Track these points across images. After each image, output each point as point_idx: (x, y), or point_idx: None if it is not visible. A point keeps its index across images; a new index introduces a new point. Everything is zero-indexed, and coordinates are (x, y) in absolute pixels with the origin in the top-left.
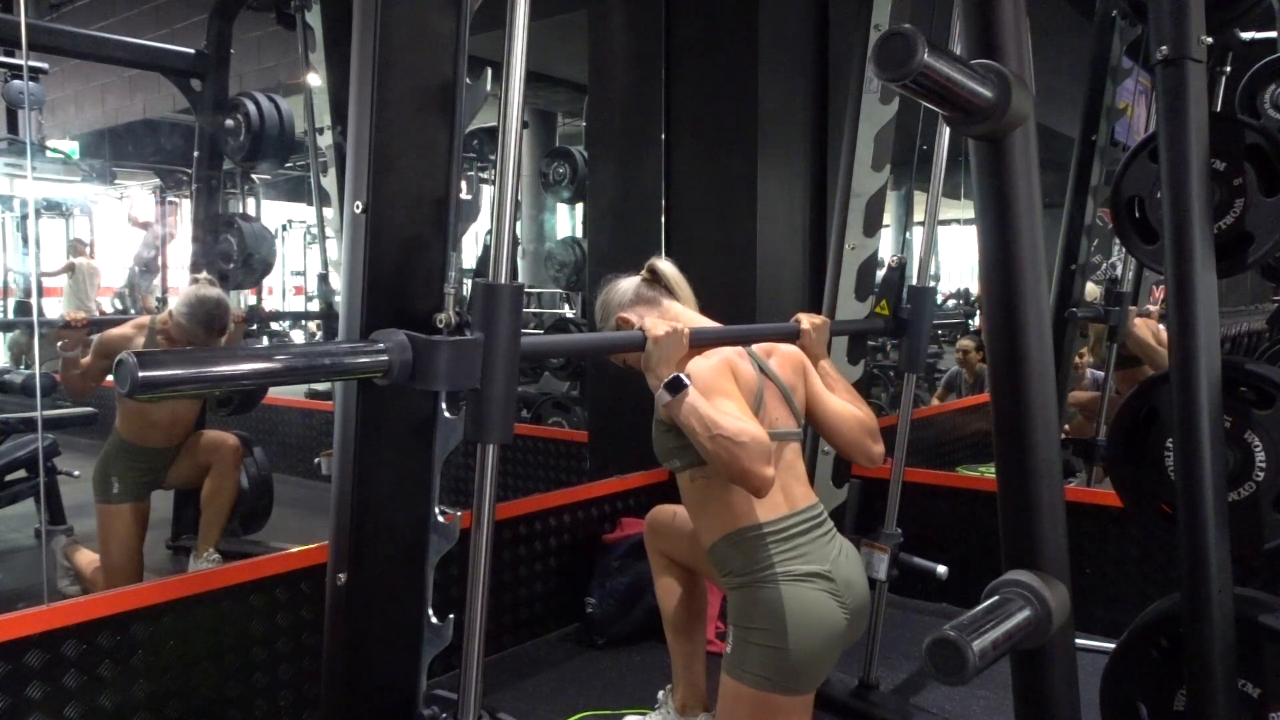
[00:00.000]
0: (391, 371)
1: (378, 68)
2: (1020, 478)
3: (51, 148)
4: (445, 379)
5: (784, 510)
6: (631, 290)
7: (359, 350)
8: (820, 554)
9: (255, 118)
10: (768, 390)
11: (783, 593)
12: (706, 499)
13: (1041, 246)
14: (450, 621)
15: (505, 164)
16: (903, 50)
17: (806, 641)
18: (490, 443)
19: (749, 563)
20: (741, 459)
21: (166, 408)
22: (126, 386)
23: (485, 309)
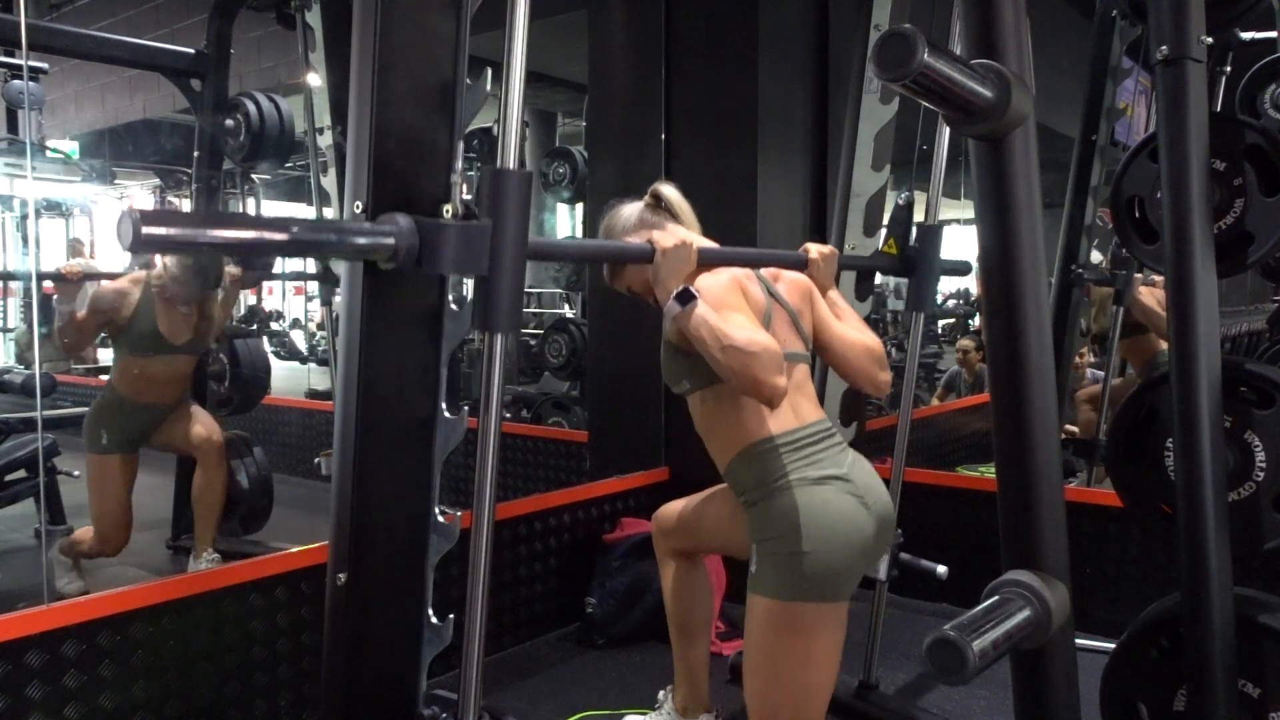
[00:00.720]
0: (398, 255)
1: (378, 68)
2: (1020, 478)
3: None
4: (452, 264)
5: (794, 424)
6: (635, 215)
7: (365, 230)
8: (835, 460)
9: (255, 118)
10: (776, 313)
11: (800, 497)
12: (718, 419)
13: (1041, 246)
14: (450, 621)
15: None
16: (903, 50)
17: (830, 542)
18: (498, 332)
19: (765, 474)
20: (753, 368)
21: (162, 363)
22: (128, 240)
23: (493, 195)
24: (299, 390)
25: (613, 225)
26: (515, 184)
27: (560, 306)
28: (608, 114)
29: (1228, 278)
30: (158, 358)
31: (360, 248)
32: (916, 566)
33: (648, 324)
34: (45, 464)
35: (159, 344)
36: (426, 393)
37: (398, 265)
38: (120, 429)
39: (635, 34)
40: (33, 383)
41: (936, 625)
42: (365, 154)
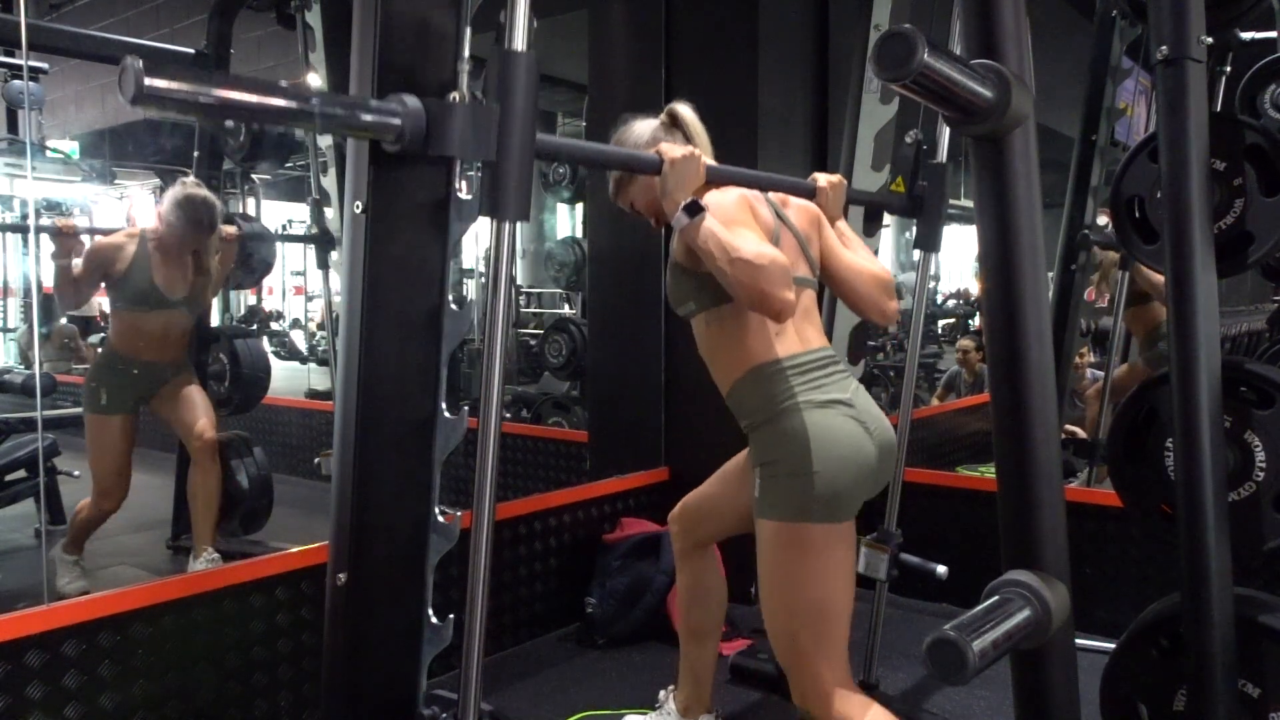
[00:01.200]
0: (404, 136)
1: (378, 68)
2: (1020, 478)
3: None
4: (460, 146)
5: (799, 348)
6: (648, 133)
7: (371, 107)
8: (839, 386)
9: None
10: (783, 236)
11: (805, 419)
12: (722, 341)
13: (1041, 246)
14: (450, 621)
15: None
16: (903, 50)
17: (834, 464)
18: (506, 219)
19: (769, 397)
20: (761, 281)
21: (159, 318)
22: (130, 92)
23: (502, 78)
24: (299, 390)
25: (624, 139)
26: (524, 66)
27: (560, 306)
28: (608, 114)
29: (1228, 278)
30: (154, 312)
31: (366, 124)
32: (916, 566)
33: (648, 324)
34: (45, 464)
35: (155, 298)
36: (426, 393)
37: (404, 147)
38: (119, 388)
39: (635, 34)
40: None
41: (936, 625)
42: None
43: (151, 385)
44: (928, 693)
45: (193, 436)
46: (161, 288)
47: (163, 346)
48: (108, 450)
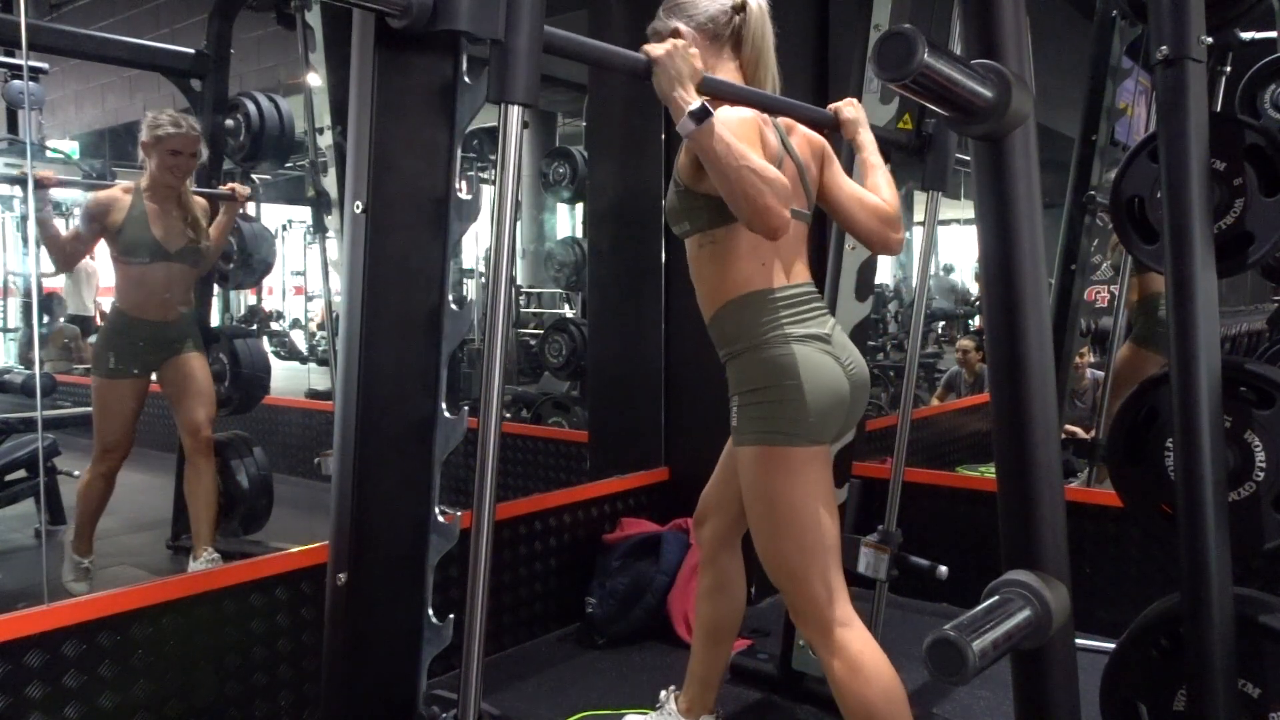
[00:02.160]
0: (411, 9)
1: (378, 68)
2: (1020, 478)
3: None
4: (467, 19)
5: (785, 280)
6: (710, 11)
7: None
8: (818, 322)
9: (255, 118)
10: (785, 165)
11: (783, 351)
12: (713, 265)
13: (1041, 246)
14: (450, 621)
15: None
16: (903, 50)
17: (812, 390)
18: (515, 101)
19: (752, 325)
20: (765, 193)
21: (160, 270)
22: None
23: None
24: (299, 390)
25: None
26: None
27: (560, 306)
28: (608, 114)
29: (1228, 278)
30: (155, 264)
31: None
32: (916, 566)
33: (648, 324)
34: (45, 464)
35: (154, 249)
36: (426, 393)
37: (410, 23)
38: (127, 350)
39: (635, 34)
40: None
41: (936, 625)
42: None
43: (159, 350)
44: (928, 693)
45: (189, 432)
46: (159, 237)
47: (166, 302)
48: (114, 412)
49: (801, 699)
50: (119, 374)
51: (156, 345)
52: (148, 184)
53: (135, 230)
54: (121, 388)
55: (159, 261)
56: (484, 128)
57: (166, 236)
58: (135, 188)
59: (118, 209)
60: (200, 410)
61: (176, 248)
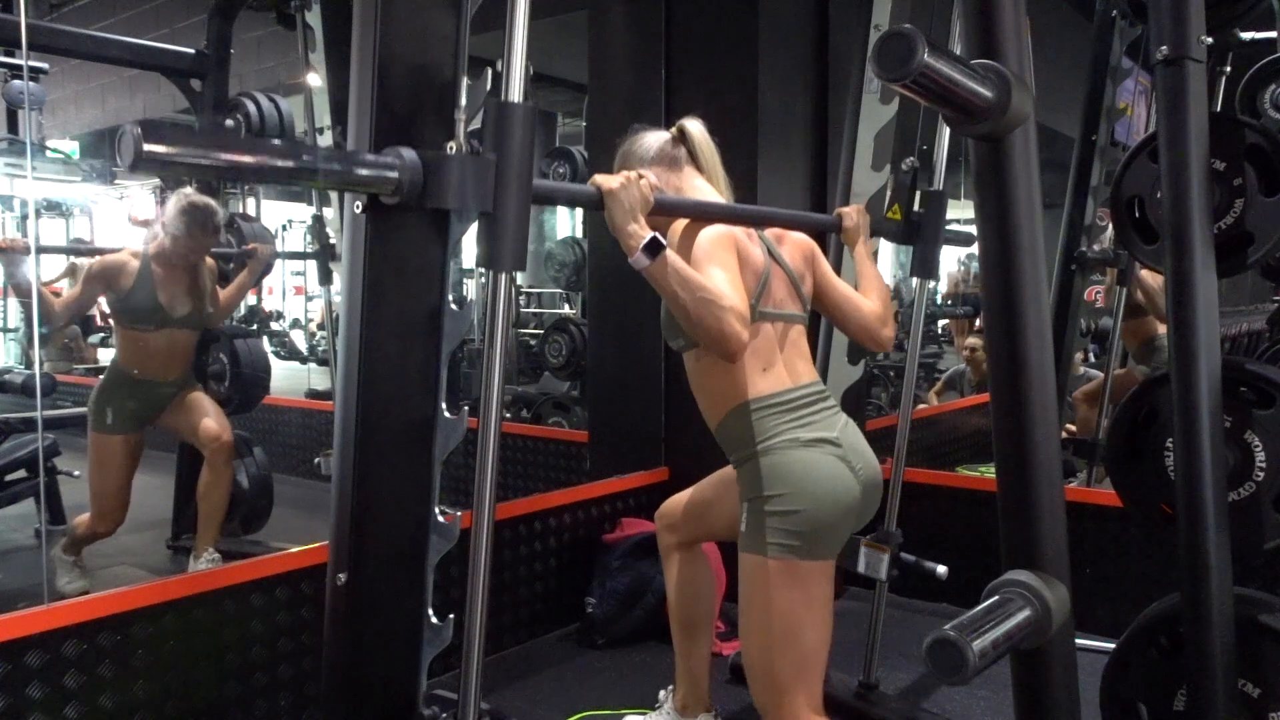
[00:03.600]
0: (401, 188)
1: (378, 68)
2: (1020, 478)
3: (51, 148)
4: (457, 198)
5: (788, 383)
6: (655, 147)
7: (368, 161)
8: (826, 423)
9: (255, 118)
10: (774, 274)
11: (792, 457)
12: (712, 376)
13: (1041, 246)
14: (450, 621)
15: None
16: (903, 50)
17: (820, 502)
18: (502, 270)
19: (757, 433)
20: (722, 320)
21: (164, 336)
22: (129, 158)
23: (498, 128)
24: (299, 390)
25: (630, 153)
26: (520, 117)
27: (560, 306)
28: (608, 114)
29: (1228, 278)
30: (159, 331)
31: (363, 179)
32: (916, 566)
33: (648, 324)
34: (45, 464)
35: (160, 316)
36: (426, 393)
37: (401, 199)
38: (125, 407)
39: (635, 34)
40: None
41: (936, 625)
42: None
43: (158, 404)
44: (928, 693)
45: (209, 440)
46: (165, 305)
47: (168, 364)
48: (110, 470)
49: None
50: (116, 429)
51: (156, 402)
52: (157, 251)
53: (141, 297)
54: (116, 444)
55: (164, 328)
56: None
57: (172, 303)
58: (142, 252)
59: (125, 275)
60: (212, 422)
61: (182, 314)
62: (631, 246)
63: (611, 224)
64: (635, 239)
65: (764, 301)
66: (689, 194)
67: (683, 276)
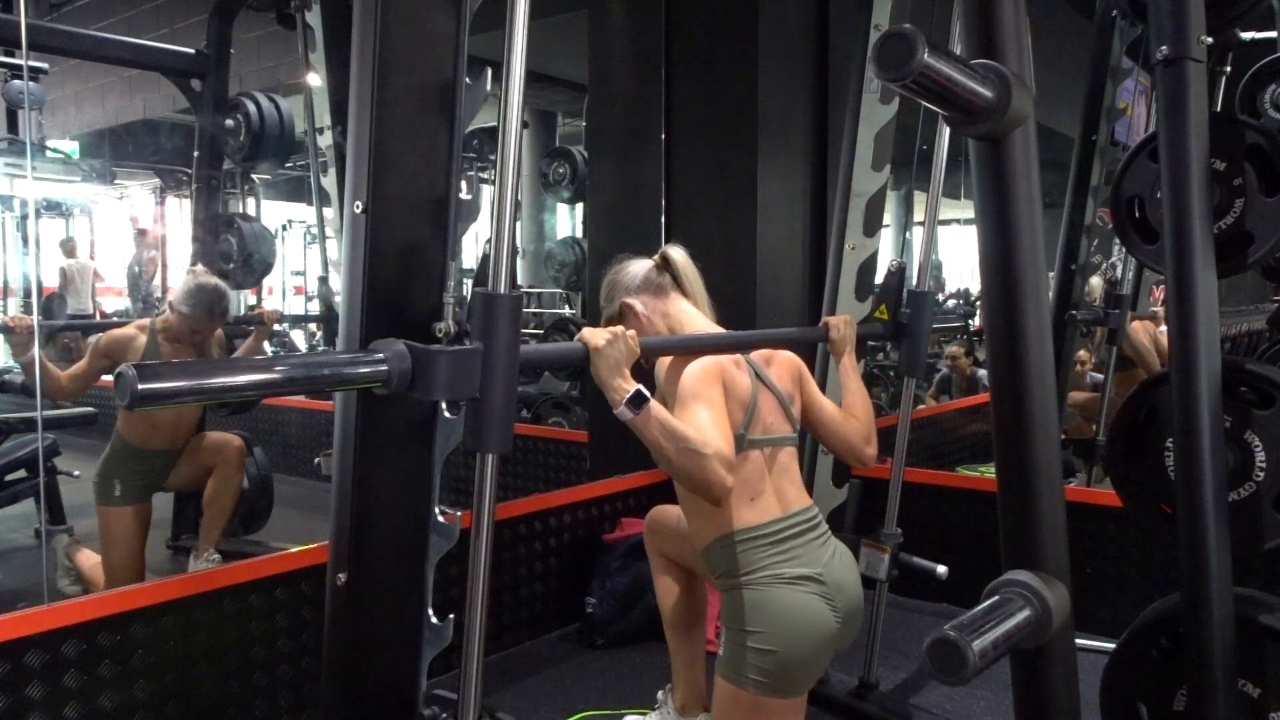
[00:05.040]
0: (391, 382)
1: (378, 68)
2: (1020, 478)
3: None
4: (444, 389)
5: (777, 513)
6: (640, 275)
7: (358, 361)
8: (812, 557)
9: (255, 118)
10: (763, 397)
11: (773, 595)
12: (701, 504)
13: (1041, 246)
14: (450, 621)
15: (505, 164)
16: (903, 50)
17: (798, 644)
18: (489, 452)
19: (740, 565)
20: (705, 468)
21: (170, 413)
22: (126, 399)
23: (484, 318)
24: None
25: (617, 282)
26: (506, 308)
27: (560, 306)
28: (608, 114)
29: (1228, 278)
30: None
31: (356, 377)
32: (916, 566)
33: None
34: (45, 464)
35: None
36: None
37: (391, 391)
38: (132, 479)
39: (635, 34)
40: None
41: (936, 625)
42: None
43: (163, 469)
44: (928, 693)
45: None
46: None
47: (174, 436)
48: (122, 542)
49: None
50: (125, 500)
51: (163, 470)
52: (164, 326)
53: None
54: (127, 515)
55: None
56: (484, 128)
57: None
58: (150, 327)
59: (132, 350)
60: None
61: None
62: (616, 400)
63: (597, 377)
64: (620, 393)
65: (752, 429)
66: (675, 318)
67: (667, 429)
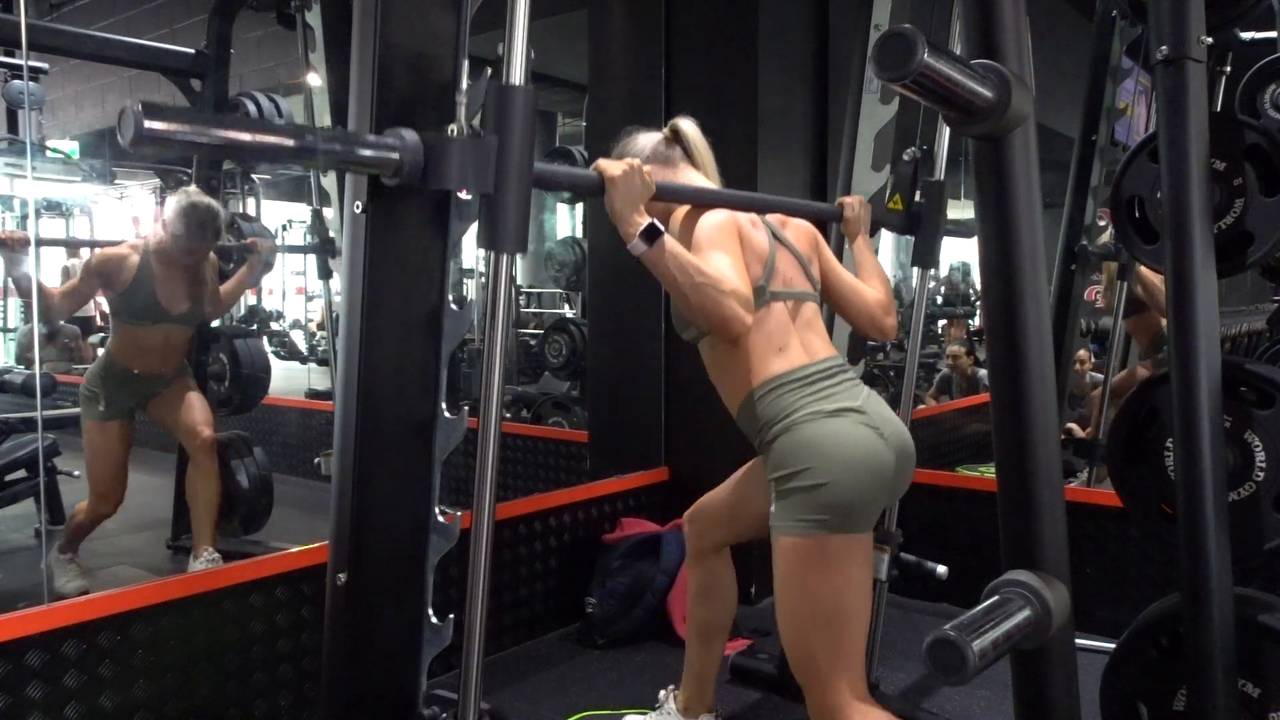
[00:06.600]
0: (402, 169)
1: (378, 68)
2: (1020, 478)
3: (51, 148)
4: (457, 179)
5: (805, 359)
6: (650, 146)
7: (370, 142)
8: (849, 394)
9: (255, 117)
10: (781, 255)
11: (815, 429)
12: (730, 360)
13: (1041, 246)
14: (450, 621)
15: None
16: (903, 50)
17: (849, 472)
18: (504, 252)
19: (779, 411)
20: (723, 304)
21: (160, 332)
22: (129, 136)
23: (499, 111)
24: (299, 390)
25: (624, 153)
26: (521, 100)
27: (560, 306)
28: (608, 114)
29: (1228, 278)
30: (155, 326)
31: (364, 159)
32: (916, 566)
33: (648, 324)
34: (45, 464)
35: (157, 312)
36: (426, 392)
37: (402, 181)
38: (117, 397)
39: (635, 34)
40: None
41: (936, 625)
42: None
43: (149, 392)
44: (928, 693)
45: (191, 435)
46: (163, 302)
47: (163, 359)
48: (105, 455)
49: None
50: (109, 415)
51: (147, 394)
52: (158, 248)
53: (139, 293)
54: (111, 430)
55: (160, 323)
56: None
57: (171, 301)
58: (143, 247)
59: (125, 269)
60: (195, 414)
61: (180, 311)
62: (630, 233)
63: (611, 210)
64: (634, 226)
65: (773, 282)
66: None
67: (681, 262)
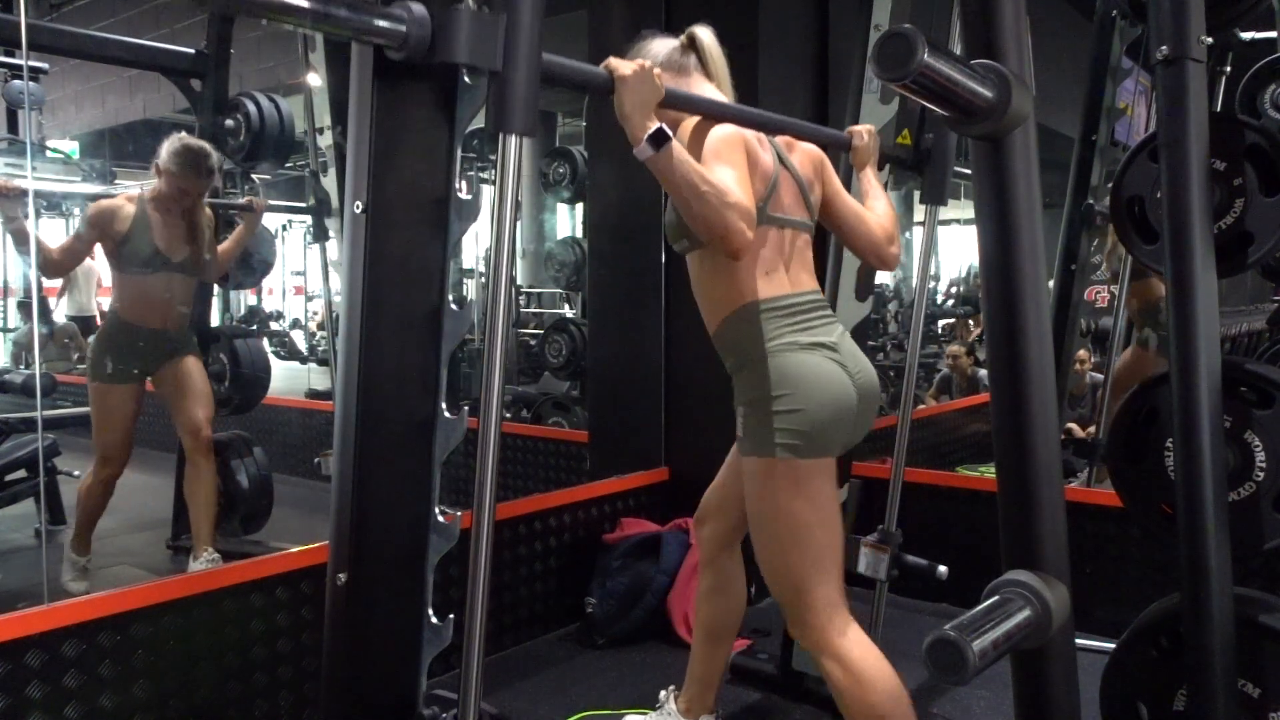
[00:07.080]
0: (409, 41)
1: (378, 68)
2: (1020, 478)
3: (51, 148)
4: (465, 51)
5: (789, 289)
6: (663, 54)
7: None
8: (825, 330)
9: (255, 118)
10: (783, 180)
11: (791, 359)
12: (716, 277)
13: (1041, 246)
14: (450, 621)
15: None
16: (903, 50)
17: (819, 403)
18: (512, 132)
19: (756, 336)
20: (726, 215)
21: (161, 280)
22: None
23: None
24: (299, 390)
25: (636, 55)
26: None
27: (560, 306)
28: (608, 114)
29: (1228, 278)
30: (157, 275)
31: (371, 27)
32: (916, 566)
33: (648, 324)
34: (45, 464)
35: (157, 259)
36: (426, 393)
37: (408, 54)
38: (124, 356)
39: (635, 34)
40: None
41: (936, 625)
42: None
43: (157, 356)
44: (928, 693)
45: (189, 432)
46: (162, 248)
47: (166, 311)
48: (112, 417)
49: (801, 699)
50: (116, 379)
51: (154, 351)
52: (153, 195)
53: (138, 240)
54: (119, 393)
55: (160, 271)
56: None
57: (169, 247)
58: (139, 196)
59: (121, 218)
60: (199, 410)
61: (179, 258)
62: (637, 136)
63: (620, 111)
64: (642, 129)
65: (772, 206)
66: None
67: (687, 170)
